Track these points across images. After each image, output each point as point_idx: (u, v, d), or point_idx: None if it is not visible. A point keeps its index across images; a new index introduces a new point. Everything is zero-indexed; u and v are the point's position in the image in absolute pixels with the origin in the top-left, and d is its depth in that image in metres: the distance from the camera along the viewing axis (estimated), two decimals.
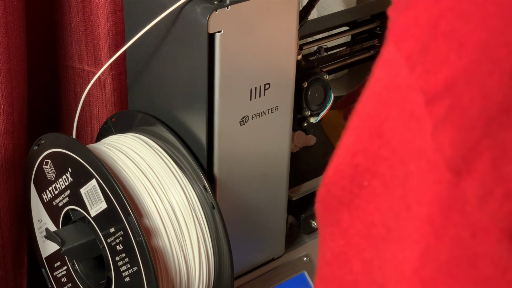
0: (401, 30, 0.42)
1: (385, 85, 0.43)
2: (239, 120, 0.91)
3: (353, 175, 0.45)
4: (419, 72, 0.40)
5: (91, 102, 1.10)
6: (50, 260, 1.00)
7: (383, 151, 0.43)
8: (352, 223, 0.46)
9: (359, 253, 0.46)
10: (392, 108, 0.42)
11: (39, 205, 0.98)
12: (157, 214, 0.87)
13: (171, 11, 0.86)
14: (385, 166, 0.43)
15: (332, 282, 0.49)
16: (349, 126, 0.46)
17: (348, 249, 0.47)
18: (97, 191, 0.87)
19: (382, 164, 0.43)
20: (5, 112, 1.00)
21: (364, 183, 0.45)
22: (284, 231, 1.04)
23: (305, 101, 0.98)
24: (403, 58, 0.41)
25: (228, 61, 0.86)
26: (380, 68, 0.43)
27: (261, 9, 0.87)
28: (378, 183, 0.44)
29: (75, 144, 0.90)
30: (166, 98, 0.94)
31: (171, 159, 0.92)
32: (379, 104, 0.43)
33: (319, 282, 0.51)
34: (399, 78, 0.41)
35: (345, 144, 0.46)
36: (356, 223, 0.46)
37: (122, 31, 1.05)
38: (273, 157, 0.97)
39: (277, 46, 0.90)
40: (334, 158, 0.47)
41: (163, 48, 0.91)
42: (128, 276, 0.87)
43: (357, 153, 0.45)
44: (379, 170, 0.44)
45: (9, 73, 0.99)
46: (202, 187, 0.89)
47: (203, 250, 0.90)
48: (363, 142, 0.44)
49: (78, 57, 1.10)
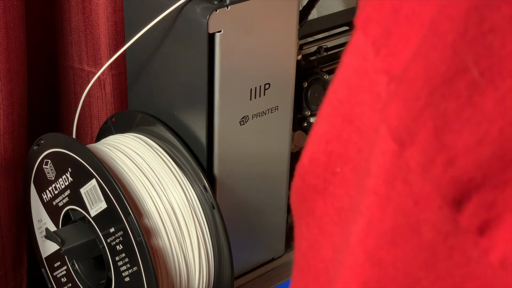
0: (367, 17, 0.43)
1: (354, 71, 0.44)
2: (239, 120, 0.91)
3: (327, 162, 0.46)
4: (384, 55, 0.41)
5: (91, 102, 1.10)
6: (50, 260, 1.00)
7: (353, 135, 0.44)
8: (326, 210, 0.47)
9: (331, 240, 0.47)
10: (361, 93, 0.43)
11: (39, 205, 0.98)
12: (157, 214, 0.87)
13: (171, 11, 0.86)
14: (354, 151, 0.44)
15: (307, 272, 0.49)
16: (321, 114, 0.47)
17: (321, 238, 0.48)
18: (97, 191, 0.87)
19: (352, 148, 0.44)
20: (5, 112, 1.00)
21: (336, 169, 0.45)
22: (284, 231, 1.04)
23: (305, 101, 0.98)
24: (370, 43, 0.42)
25: (228, 61, 0.86)
26: (349, 55, 0.44)
27: (261, 9, 0.87)
28: (349, 168, 0.45)
29: (75, 144, 0.90)
30: (166, 98, 0.94)
31: (171, 159, 0.92)
32: (349, 90, 0.44)
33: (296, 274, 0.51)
34: (367, 63, 0.42)
35: (319, 132, 0.47)
36: (329, 211, 0.47)
37: (122, 31, 1.05)
38: (273, 157, 0.97)
39: (277, 46, 0.90)
40: (308, 147, 0.48)
41: (163, 48, 0.91)
42: (128, 276, 0.87)
43: (331, 140, 0.46)
44: (349, 155, 0.44)
45: (9, 73, 0.99)
46: (202, 187, 0.89)
47: (203, 250, 0.90)
48: (336, 128, 0.45)
49: (78, 57, 1.10)
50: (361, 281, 0.42)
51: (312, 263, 0.48)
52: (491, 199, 0.38)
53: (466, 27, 0.37)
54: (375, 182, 0.40)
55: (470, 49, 0.37)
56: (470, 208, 0.38)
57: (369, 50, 0.42)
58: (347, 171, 0.45)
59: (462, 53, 0.37)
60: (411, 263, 0.40)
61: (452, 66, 0.37)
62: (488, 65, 0.37)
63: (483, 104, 0.37)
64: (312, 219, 0.48)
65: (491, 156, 0.37)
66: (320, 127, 0.46)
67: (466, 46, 0.37)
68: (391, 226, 0.40)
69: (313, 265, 0.48)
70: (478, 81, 0.37)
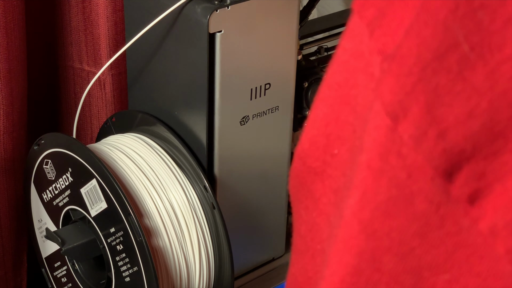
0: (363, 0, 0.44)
1: (351, 54, 0.45)
2: (240, 120, 0.91)
3: (326, 145, 0.47)
4: (378, 35, 0.42)
5: (91, 102, 1.10)
6: (50, 260, 1.00)
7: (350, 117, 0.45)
8: (324, 192, 0.48)
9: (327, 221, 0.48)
10: (358, 74, 0.44)
11: (39, 205, 0.98)
12: (158, 214, 0.87)
13: (171, 11, 0.86)
14: (350, 131, 0.45)
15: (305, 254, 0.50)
16: (320, 97, 0.48)
17: (320, 219, 0.49)
18: (97, 191, 0.87)
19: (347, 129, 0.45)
20: (5, 112, 1.00)
21: (334, 151, 0.47)
22: (285, 231, 1.04)
23: (305, 101, 0.98)
24: (365, 25, 0.43)
25: (229, 61, 0.86)
26: (346, 38, 0.45)
27: (262, 9, 0.87)
28: (345, 149, 0.46)
29: (75, 144, 0.90)
30: (166, 98, 0.94)
31: (171, 159, 0.92)
32: (347, 73, 0.45)
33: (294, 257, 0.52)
34: (363, 44, 0.44)
35: (318, 115, 0.48)
36: (327, 192, 0.48)
37: (122, 31, 1.05)
38: (274, 157, 0.97)
39: (278, 46, 0.90)
40: (307, 130, 0.49)
41: (163, 48, 0.91)
42: (128, 276, 0.87)
43: (330, 122, 0.47)
44: (345, 136, 0.46)
45: (9, 73, 0.99)
46: (203, 187, 0.89)
47: (203, 250, 0.90)
48: (335, 111, 0.46)
49: (78, 57, 1.10)
50: (356, 252, 0.43)
51: (311, 244, 0.50)
52: (481, 170, 0.39)
53: (457, 4, 0.38)
54: (369, 156, 0.42)
55: (461, 25, 0.38)
56: (461, 178, 0.39)
57: (364, 32, 0.43)
58: (343, 152, 0.46)
59: (453, 29, 0.38)
60: (405, 233, 0.41)
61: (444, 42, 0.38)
62: (478, 40, 0.38)
63: (473, 78, 0.38)
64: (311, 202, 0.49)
65: (481, 128, 0.38)
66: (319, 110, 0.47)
67: (457, 22, 0.38)
68: (385, 198, 0.41)
69: (312, 247, 0.49)
70: (469, 56, 0.38)
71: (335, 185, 0.47)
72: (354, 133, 0.45)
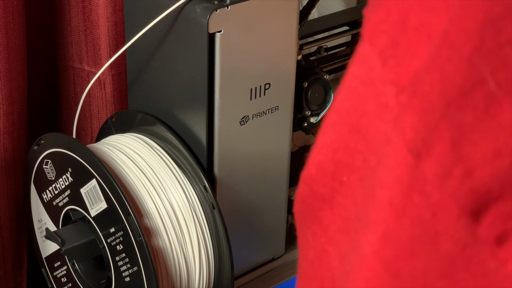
0: (374, 27, 0.43)
1: (361, 81, 0.44)
2: (239, 120, 0.91)
3: (334, 172, 0.46)
4: (391, 65, 0.41)
5: (91, 102, 1.10)
6: (50, 260, 1.00)
7: (360, 145, 0.44)
8: (333, 220, 0.47)
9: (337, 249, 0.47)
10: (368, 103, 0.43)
11: (39, 205, 0.98)
12: (157, 214, 0.87)
13: (171, 11, 0.86)
14: (361, 160, 0.44)
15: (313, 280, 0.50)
16: (327, 123, 0.47)
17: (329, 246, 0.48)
18: (97, 191, 0.87)
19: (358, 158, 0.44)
20: (5, 112, 1.00)
21: (343, 179, 0.46)
22: (284, 231, 1.04)
23: (305, 101, 0.98)
24: (376, 53, 0.42)
25: (228, 61, 0.86)
26: (355, 65, 0.45)
27: (261, 9, 0.87)
28: (356, 178, 0.45)
29: (75, 144, 0.90)
30: (166, 98, 0.94)
31: (171, 159, 0.92)
32: (356, 100, 0.44)
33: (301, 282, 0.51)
34: (374, 73, 0.43)
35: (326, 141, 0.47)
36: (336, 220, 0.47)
37: (122, 31, 1.05)
38: (273, 157, 0.97)
39: (277, 46, 0.90)
40: (314, 156, 0.48)
41: (163, 48, 0.91)
42: (128, 276, 0.87)
43: (338, 149, 0.46)
44: (356, 165, 0.45)
45: (9, 73, 0.99)
46: (202, 187, 0.89)
47: (203, 250, 0.90)
48: (343, 138, 0.45)
49: (78, 57, 1.10)
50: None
51: (319, 271, 0.49)
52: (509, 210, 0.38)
53: (482, 40, 0.37)
54: (391, 193, 0.41)
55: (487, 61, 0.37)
56: (488, 219, 0.38)
57: (376, 60, 0.42)
58: (354, 180, 0.45)
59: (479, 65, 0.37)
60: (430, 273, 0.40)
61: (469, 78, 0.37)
62: (505, 77, 0.37)
63: (500, 115, 0.37)
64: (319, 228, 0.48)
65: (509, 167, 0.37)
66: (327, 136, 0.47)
67: (483, 58, 0.37)
68: (409, 237, 0.40)
69: (320, 273, 0.49)
70: (495, 93, 0.37)
71: (345, 214, 0.46)
72: (366, 162, 0.44)
